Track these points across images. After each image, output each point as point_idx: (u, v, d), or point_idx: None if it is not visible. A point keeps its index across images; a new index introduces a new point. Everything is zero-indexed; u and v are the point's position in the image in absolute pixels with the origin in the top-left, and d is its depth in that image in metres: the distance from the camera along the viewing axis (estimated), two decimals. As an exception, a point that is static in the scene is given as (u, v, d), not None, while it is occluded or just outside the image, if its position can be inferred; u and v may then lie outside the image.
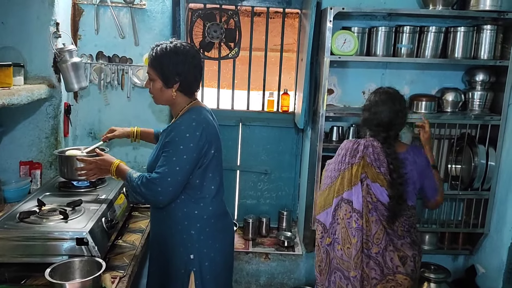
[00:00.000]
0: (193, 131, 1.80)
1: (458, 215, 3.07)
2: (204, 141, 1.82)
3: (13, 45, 2.38)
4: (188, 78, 1.86)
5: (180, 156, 1.77)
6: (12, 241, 1.69)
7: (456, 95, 2.89)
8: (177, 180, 1.78)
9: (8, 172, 2.49)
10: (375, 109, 2.12)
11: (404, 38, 2.77)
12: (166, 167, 1.77)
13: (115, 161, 1.97)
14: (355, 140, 2.16)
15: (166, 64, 1.82)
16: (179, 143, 1.78)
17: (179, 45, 1.85)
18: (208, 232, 1.92)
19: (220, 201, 1.99)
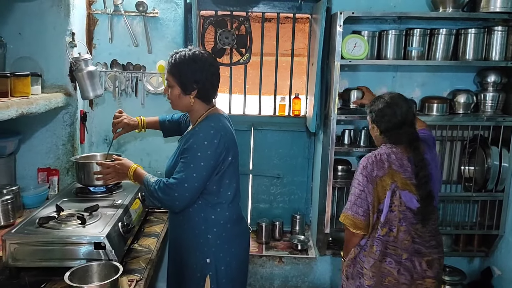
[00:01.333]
0: (211, 138, 1.82)
1: (473, 217, 3.06)
2: (222, 148, 1.85)
3: (31, 55, 2.44)
4: (206, 86, 1.90)
5: (197, 163, 1.80)
6: (32, 246, 1.74)
7: (468, 97, 2.88)
8: (193, 186, 1.81)
9: (26, 178, 2.55)
10: (392, 111, 2.05)
11: (414, 41, 2.77)
12: (184, 173, 1.80)
13: (132, 165, 2.02)
14: (373, 153, 2.06)
15: (184, 71, 1.86)
16: (197, 150, 1.80)
17: (198, 53, 1.89)
18: (224, 236, 1.94)
19: (237, 207, 2.02)
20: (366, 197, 1.99)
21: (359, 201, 2.00)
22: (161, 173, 2.99)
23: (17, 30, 2.44)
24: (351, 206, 2.02)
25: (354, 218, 2.00)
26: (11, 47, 2.43)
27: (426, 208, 1.99)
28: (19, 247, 1.73)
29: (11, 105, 1.83)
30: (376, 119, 2.08)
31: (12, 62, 2.42)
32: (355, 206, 2.01)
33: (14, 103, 1.88)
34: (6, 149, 2.37)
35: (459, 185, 3.05)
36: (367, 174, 2.00)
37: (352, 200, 2.02)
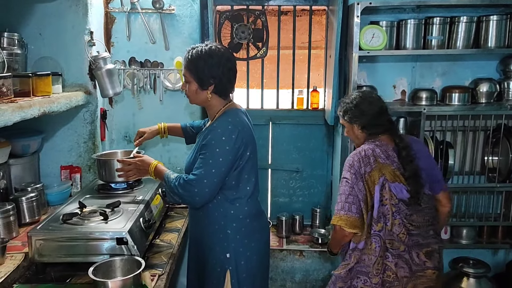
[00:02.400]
0: (229, 134, 1.83)
1: (497, 208, 3.00)
2: (240, 143, 1.86)
3: (51, 55, 2.48)
4: (222, 81, 1.90)
5: (216, 158, 1.81)
6: (57, 242, 1.78)
7: (491, 86, 2.82)
8: (213, 182, 1.82)
9: (50, 176, 2.60)
10: (368, 103, 2.08)
11: (434, 29, 2.72)
12: (203, 169, 1.81)
13: (153, 162, 2.04)
14: (357, 150, 2.05)
15: (201, 66, 1.86)
16: (215, 146, 1.81)
17: (214, 48, 1.89)
18: (244, 231, 1.95)
19: (255, 201, 2.02)
20: (356, 195, 1.96)
21: (350, 199, 1.96)
22: (180, 169, 3.02)
23: (38, 31, 2.48)
24: (343, 206, 1.97)
25: (349, 217, 1.95)
26: (32, 48, 2.47)
27: (415, 188, 1.96)
28: (44, 243, 1.77)
29: (33, 104, 1.87)
30: (355, 116, 2.09)
31: (33, 62, 2.47)
32: (347, 205, 1.96)
33: (37, 102, 1.91)
34: (30, 148, 2.42)
35: (483, 176, 2.99)
36: (355, 172, 1.97)
37: (342, 199, 1.97)
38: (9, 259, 1.79)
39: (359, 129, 2.10)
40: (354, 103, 2.09)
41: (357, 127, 2.10)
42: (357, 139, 2.16)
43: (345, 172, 2.00)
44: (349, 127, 2.16)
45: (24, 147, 2.38)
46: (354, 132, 2.13)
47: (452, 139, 2.91)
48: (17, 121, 1.71)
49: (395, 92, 3.02)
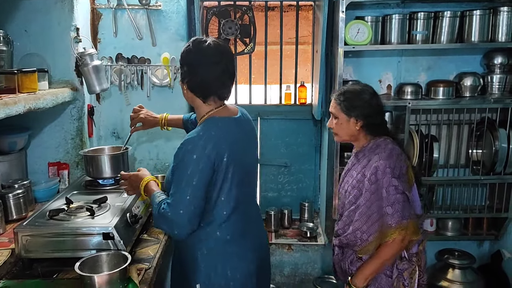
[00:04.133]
0: (200, 150, 1.59)
1: (482, 200, 3.05)
2: (217, 160, 1.62)
3: (37, 51, 2.47)
4: (197, 77, 1.68)
5: (189, 182, 1.58)
6: (43, 238, 1.79)
7: (475, 79, 2.86)
8: (190, 210, 1.59)
9: (38, 173, 2.60)
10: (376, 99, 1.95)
11: (418, 24, 2.75)
12: (176, 196, 1.60)
13: (144, 178, 1.83)
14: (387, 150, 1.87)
15: (182, 58, 1.72)
16: (186, 166, 1.59)
17: (199, 42, 1.69)
18: (216, 257, 1.73)
19: (232, 226, 1.73)
20: (408, 198, 1.81)
21: (406, 205, 1.79)
22: (169, 164, 3.02)
23: (23, 27, 2.47)
24: (403, 215, 1.77)
25: (413, 223, 1.78)
26: (18, 44, 2.46)
27: None
28: (31, 239, 1.78)
29: (18, 101, 1.87)
30: (361, 111, 1.90)
31: (19, 59, 2.45)
32: (406, 212, 1.78)
33: (22, 99, 1.91)
34: (17, 145, 2.41)
35: (467, 169, 3.04)
36: (400, 175, 1.81)
37: (399, 209, 1.77)
38: (-5, 255, 1.80)
39: (356, 124, 1.92)
40: (361, 95, 1.92)
41: (355, 122, 1.91)
42: (348, 135, 1.97)
43: (389, 178, 1.79)
44: (343, 119, 1.93)
45: (10, 144, 2.37)
46: (349, 126, 1.93)
47: (437, 133, 2.96)
48: (1, 117, 1.72)
49: (381, 87, 3.05)
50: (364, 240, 1.86)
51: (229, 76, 1.72)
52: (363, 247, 1.87)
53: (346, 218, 1.96)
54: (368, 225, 1.84)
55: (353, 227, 1.89)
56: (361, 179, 1.89)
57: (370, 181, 1.84)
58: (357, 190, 1.91)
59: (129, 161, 2.47)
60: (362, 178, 1.89)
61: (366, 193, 1.85)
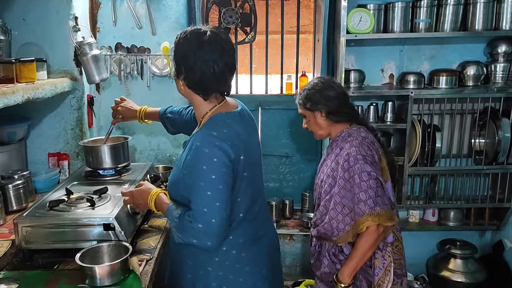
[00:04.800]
0: (220, 153, 1.47)
1: (484, 190, 3.04)
2: (236, 160, 1.51)
3: (35, 40, 2.44)
4: (195, 73, 1.53)
5: (215, 187, 1.46)
6: (44, 229, 1.77)
7: (478, 68, 2.84)
8: (222, 217, 1.47)
9: (38, 164, 2.59)
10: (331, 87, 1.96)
11: (422, 12, 2.72)
12: (205, 206, 1.46)
13: (151, 192, 1.69)
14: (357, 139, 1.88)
15: (178, 50, 1.57)
16: (209, 172, 1.46)
17: (197, 33, 1.53)
18: (228, 265, 1.62)
19: (245, 228, 1.63)
20: (381, 184, 1.80)
21: (380, 191, 1.78)
22: (169, 155, 3.02)
23: (21, 16, 2.44)
24: (377, 202, 1.76)
25: (386, 211, 1.76)
26: (16, 34, 2.43)
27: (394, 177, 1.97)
28: (31, 230, 1.76)
29: (16, 90, 1.84)
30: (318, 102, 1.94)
31: (17, 48, 2.42)
32: (379, 199, 1.76)
33: (20, 88, 1.89)
34: (16, 135, 2.40)
35: (470, 159, 3.03)
36: (372, 161, 1.82)
37: (372, 195, 1.76)
38: (-4, 247, 1.79)
39: (322, 116, 1.95)
40: (316, 88, 1.96)
41: (320, 114, 1.95)
42: (320, 129, 2.00)
43: (361, 164, 1.79)
44: (310, 116, 1.99)
45: (10, 134, 2.36)
46: (317, 121, 1.97)
47: (440, 122, 2.93)
48: (0, 107, 1.70)
49: (383, 76, 3.02)
50: (340, 230, 1.87)
51: (231, 70, 1.58)
52: (340, 237, 1.88)
53: (322, 208, 1.97)
54: (344, 214, 1.85)
55: (329, 217, 1.90)
56: (335, 167, 1.90)
57: (343, 168, 1.85)
58: (331, 179, 1.91)
59: (130, 152, 2.45)
60: (336, 166, 1.90)
61: (340, 180, 1.86)
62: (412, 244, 3.25)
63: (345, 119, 1.97)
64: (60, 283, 1.63)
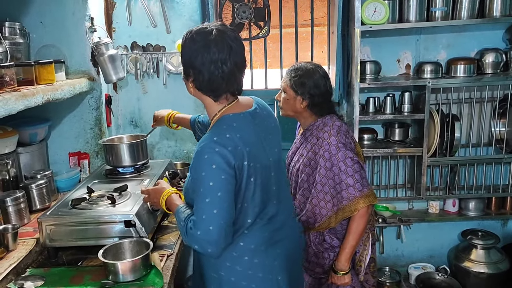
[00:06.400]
0: (218, 159, 1.42)
1: (505, 179, 2.98)
2: (235, 165, 1.45)
3: (53, 42, 2.49)
4: (203, 75, 1.49)
5: (213, 194, 1.42)
6: (66, 227, 1.81)
7: (497, 56, 2.78)
8: (220, 224, 1.42)
9: (59, 163, 2.64)
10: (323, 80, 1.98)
11: (438, 0, 2.67)
12: (204, 213, 1.43)
13: (164, 192, 1.70)
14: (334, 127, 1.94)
15: (185, 53, 1.53)
16: (207, 178, 1.42)
17: (202, 33, 1.48)
18: (240, 271, 1.58)
19: (257, 233, 1.58)
20: (362, 166, 1.89)
21: (363, 173, 1.88)
22: (187, 151, 3.04)
23: (39, 19, 2.49)
24: (363, 184, 1.86)
25: (371, 190, 1.88)
26: (34, 36, 2.48)
27: None
28: (55, 228, 1.81)
29: (36, 92, 1.89)
30: (303, 85, 1.96)
31: (36, 51, 2.48)
32: (364, 180, 1.87)
33: (40, 90, 1.93)
34: (37, 136, 2.45)
35: (490, 147, 2.98)
36: (351, 148, 1.90)
37: (358, 178, 1.85)
38: (21, 245, 1.84)
39: (302, 104, 1.98)
40: (312, 77, 1.96)
41: (301, 101, 1.97)
42: (292, 111, 2.03)
43: (343, 152, 1.86)
44: (291, 96, 1.99)
45: (31, 135, 2.41)
46: (295, 104, 1.99)
47: (458, 112, 2.89)
48: (21, 109, 1.74)
49: (399, 66, 2.99)
50: (323, 216, 1.95)
51: (240, 69, 1.54)
52: (322, 223, 1.96)
53: (301, 196, 2.03)
54: (326, 200, 1.93)
55: (311, 205, 1.97)
56: (312, 156, 1.96)
57: (324, 158, 1.90)
58: (309, 168, 1.97)
59: (148, 149, 2.48)
60: (313, 155, 1.95)
61: (321, 169, 1.91)
62: (433, 235, 3.23)
63: (324, 113, 2.01)
64: (84, 279, 1.67)
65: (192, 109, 2.90)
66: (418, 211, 3.18)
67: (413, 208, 3.21)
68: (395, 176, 3.05)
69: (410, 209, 3.21)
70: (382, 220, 2.99)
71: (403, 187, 3.13)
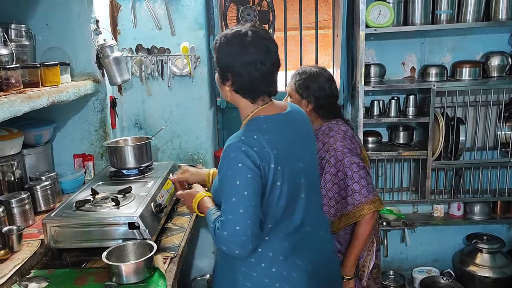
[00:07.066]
0: (244, 158, 1.40)
1: (511, 183, 2.97)
2: (260, 165, 1.42)
3: (58, 45, 2.50)
4: (245, 79, 1.47)
5: (239, 194, 1.39)
6: (71, 228, 1.82)
7: (503, 59, 2.78)
8: (246, 224, 1.37)
9: (63, 165, 2.65)
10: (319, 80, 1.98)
11: (443, 3, 2.67)
12: (230, 213, 1.40)
13: (196, 196, 1.66)
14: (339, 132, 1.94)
15: (220, 56, 1.52)
16: (234, 177, 1.40)
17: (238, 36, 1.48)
18: (256, 278, 1.52)
19: (277, 241, 1.52)
20: (368, 172, 1.89)
21: (369, 179, 1.86)
22: (191, 153, 3.04)
23: (44, 22, 2.49)
24: (369, 189, 1.84)
25: (377, 196, 1.86)
26: (40, 38, 2.48)
27: None
28: (59, 230, 1.81)
29: (42, 94, 1.89)
30: (314, 95, 1.97)
31: (41, 53, 2.48)
32: (370, 186, 1.86)
33: (45, 92, 1.94)
34: (42, 138, 2.46)
35: (495, 151, 2.96)
36: (357, 154, 1.89)
37: (364, 184, 1.84)
38: (26, 246, 1.84)
39: (307, 107, 1.98)
40: (317, 80, 1.97)
41: (306, 104, 1.98)
42: None
43: (349, 157, 1.86)
44: (296, 100, 1.99)
45: (36, 137, 2.42)
46: (302, 107, 1.88)
47: (463, 115, 2.88)
48: (26, 111, 1.74)
49: (404, 69, 2.99)
50: None
51: (278, 68, 1.55)
52: None
53: None
54: (330, 205, 1.93)
55: None
56: (318, 161, 1.92)
57: (329, 163, 1.90)
58: None
59: (152, 151, 2.49)
60: (319, 160, 1.94)
61: (326, 175, 1.91)
62: (438, 239, 3.22)
63: (330, 116, 2.02)
64: (88, 281, 1.68)
65: (196, 110, 2.91)
66: (422, 214, 3.17)
67: (417, 212, 3.20)
68: (399, 179, 3.04)
69: (415, 212, 3.20)
70: (386, 223, 2.99)
71: (408, 190, 3.12)
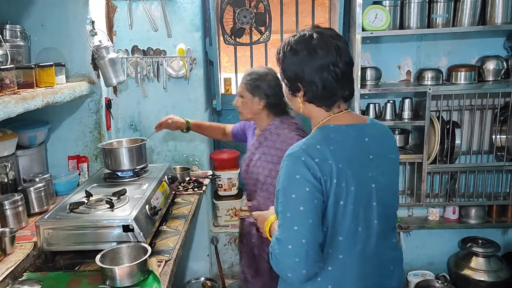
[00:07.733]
0: (303, 169, 1.24)
1: (506, 187, 2.97)
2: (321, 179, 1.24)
3: (54, 45, 2.48)
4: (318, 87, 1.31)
5: (295, 208, 1.23)
6: (64, 231, 1.80)
7: (498, 63, 2.78)
8: (300, 244, 1.20)
9: (58, 166, 2.63)
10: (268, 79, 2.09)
11: (439, 7, 2.67)
12: (284, 230, 1.24)
13: (268, 219, 1.48)
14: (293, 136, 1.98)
15: (286, 67, 1.38)
16: (290, 189, 1.25)
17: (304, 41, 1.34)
18: None
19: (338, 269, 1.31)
20: None
21: None
22: (186, 155, 3.03)
23: (40, 22, 2.48)
24: None
25: None
26: (35, 39, 2.47)
27: None
28: (52, 232, 1.79)
29: (36, 95, 1.88)
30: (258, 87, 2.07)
31: (36, 54, 2.47)
32: None
33: (40, 93, 1.93)
34: (37, 139, 2.44)
35: (491, 155, 2.97)
36: None
37: None
38: (18, 249, 1.82)
39: (259, 104, 2.08)
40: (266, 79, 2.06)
41: (258, 102, 2.08)
42: (251, 114, 2.12)
43: None
44: (248, 98, 2.10)
45: (30, 138, 2.40)
46: (252, 106, 2.10)
47: (459, 119, 2.89)
48: (20, 112, 1.73)
49: (400, 73, 2.99)
50: None
51: (351, 67, 1.37)
52: None
53: (265, 192, 2.05)
54: None
55: None
56: (274, 152, 2.00)
57: None
58: (272, 164, 2.00)
59: (147, 153, 2.48)
60: (275, 151, 1.99)
61: None
62: (433, 242, 3.22)
63: (279, 112, 2.09)
64: (82, 284, 1.66)
65: (191, 111, 2.90)
66: (418, 218, 3.17)
67: (412, 215, 3.20)
68: (395, 182, 3.04)
69: (410, 216, 3.20)
70: (381, 226, 2.98)
71: (403, 193, 3.12)
